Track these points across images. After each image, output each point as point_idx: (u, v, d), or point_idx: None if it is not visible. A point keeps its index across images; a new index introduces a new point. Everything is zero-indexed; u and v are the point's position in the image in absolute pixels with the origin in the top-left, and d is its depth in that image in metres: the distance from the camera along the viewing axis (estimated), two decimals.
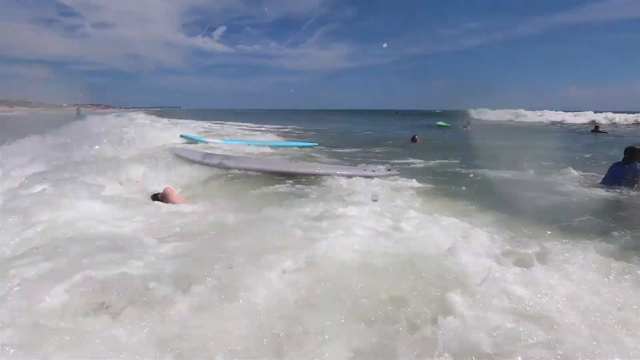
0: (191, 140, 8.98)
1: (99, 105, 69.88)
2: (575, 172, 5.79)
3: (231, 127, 19.41)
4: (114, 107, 63.76)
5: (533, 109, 37.05)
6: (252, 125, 22.19)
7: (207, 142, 8.75)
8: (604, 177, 5.41)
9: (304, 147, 9.78)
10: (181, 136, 9.66)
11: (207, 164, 5.47)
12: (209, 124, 21.47)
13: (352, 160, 7.82)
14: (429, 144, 12.31)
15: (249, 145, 9.06)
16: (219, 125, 21.17)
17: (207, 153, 5.99)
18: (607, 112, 31.25)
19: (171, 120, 21.64)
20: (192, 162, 5.58)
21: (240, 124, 23.31)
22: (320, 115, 56.73)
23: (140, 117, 22.17)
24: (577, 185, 5.36)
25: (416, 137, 12.44)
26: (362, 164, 6.29)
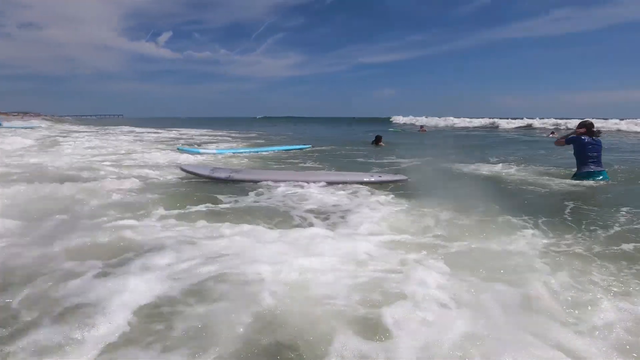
0: (188, 152, 8.93)
1: (27, 113, 62.06)
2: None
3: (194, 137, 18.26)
4: (44, 115, 57.37)
5: (475, 117, 40.05)
6: (217, 132, 21.52)
7: (201, 153, 8.71)
8: (580, 162, 5.56)
9: (298, 149, 10.22)
10: (178, 149, 9.56)
11: (217, 178, 5.40)
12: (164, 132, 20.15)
13: (346, 161, 8.19)
14: (395, 145, 13.21)
15: (243, 153, 9.15)
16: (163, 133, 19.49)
17: (216, 167, 5.92)
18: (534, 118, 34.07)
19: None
20: (201, 176, 5.52)
21: (207, 131, 22.36)
22: (276, 122, 56.88)
23: None
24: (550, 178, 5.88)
25: (381, 139, 12.42)
26: (361, 172, 6.24)
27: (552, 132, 21.17)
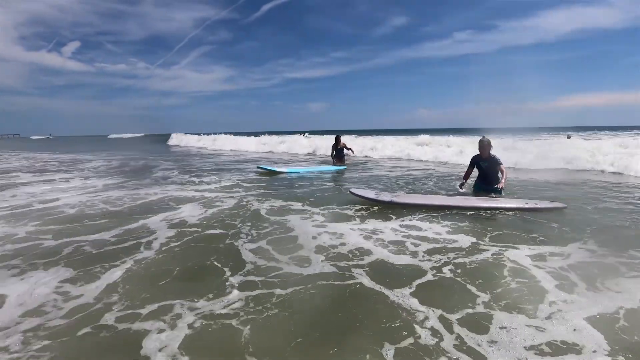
0: (268, 171, 9.21)
1: None
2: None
3: None
4: None
5: (399, 127, 41.52)
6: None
7: (279, 171, 8.97)
8: (474, 181, 5.60)
9: (339, 170, 10.07)
10: (258, 167, 9.78)
11: (381, 201, 4.76)
12: None
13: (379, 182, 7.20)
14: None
15: (309, 172, 9.08)
16: None
17: (378, 191, 5.42)
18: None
19: None
20: (368, 199, 4.82)
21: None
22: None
23: None
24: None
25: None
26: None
27: (568, 136, 19.69)
